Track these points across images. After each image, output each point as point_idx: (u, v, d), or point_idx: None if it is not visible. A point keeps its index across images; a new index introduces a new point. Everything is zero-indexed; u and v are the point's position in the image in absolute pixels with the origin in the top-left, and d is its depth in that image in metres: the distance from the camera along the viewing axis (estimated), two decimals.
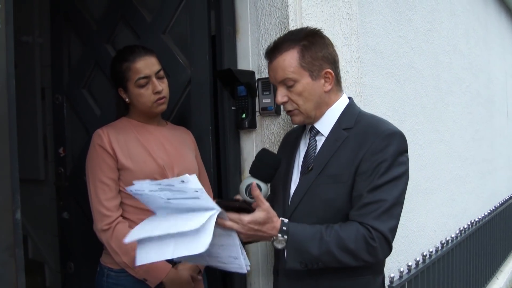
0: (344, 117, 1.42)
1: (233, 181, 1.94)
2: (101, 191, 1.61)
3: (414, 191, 2.77)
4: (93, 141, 1.67)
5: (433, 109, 3.19)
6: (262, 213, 1.26)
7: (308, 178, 1.39)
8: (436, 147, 3.21)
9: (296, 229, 1.28)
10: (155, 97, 1.66)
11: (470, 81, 3.96)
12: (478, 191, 4.12)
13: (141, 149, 1.66)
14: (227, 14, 1.94)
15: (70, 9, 2.28)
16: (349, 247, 1.26)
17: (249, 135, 1.95)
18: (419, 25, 3.02)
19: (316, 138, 1.45)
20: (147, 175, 1.62)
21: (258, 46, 1.90)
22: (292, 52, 1.36)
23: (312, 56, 1.37)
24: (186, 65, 1.96)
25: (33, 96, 3.38)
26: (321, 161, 1.38)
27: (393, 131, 1.35)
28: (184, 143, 1.79)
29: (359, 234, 1.26)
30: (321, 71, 1.38)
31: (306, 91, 1.37)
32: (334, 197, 1.34)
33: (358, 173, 1.32)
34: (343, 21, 2.07)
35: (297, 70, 1.36)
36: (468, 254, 3.47)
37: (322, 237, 1.26)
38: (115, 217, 1.60)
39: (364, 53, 2.36)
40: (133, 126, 1.71)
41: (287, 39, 1.39)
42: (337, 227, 1.28)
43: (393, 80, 2.69)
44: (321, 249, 1.26)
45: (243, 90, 1.89)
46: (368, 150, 1.31)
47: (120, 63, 1.65)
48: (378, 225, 1.26)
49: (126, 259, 1.58)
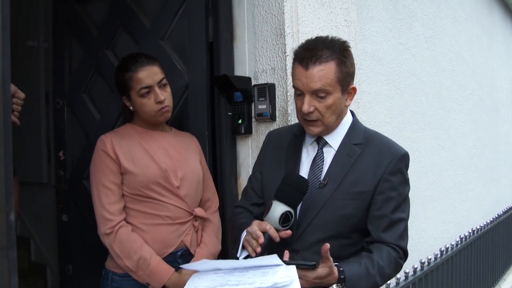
0: (353, 132, 1.44)
1: (229, 186, 1.96)
2: (104, 195, 1.63)
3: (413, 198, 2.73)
4: (97, 147, 1.69)
5: (434, 116, 3.19)
6: (326, 269, 1.24)
7: (324, 192, 1.38)
8: (437, 154, 3.20)
9: (351, 273, 1.29)
10: (158, 106, 1.67)
11: (473, 88, 3.94)
12: (481, 198, 4.10)
13: (143, 154, 1.68)
14: (224, 20, 1.97)
15: (72, 15, 2.32)
16: (386, 272, 1.35)
17: (245, 141, 1.97)
18: (420, 32, 3.02)
19: (323, 149, 1.44)
20: (149, 178, 1.64)
21: (255, 53, 1.92)
22: (332, 64, 1.32)
23: (346, 72, 1.36)
24: (183, 71, 1.98)
25: (37, 100, 3.41)
26: (336, 175, 1.38)
27: (405, 152, 1.43)
28: (187, 147, 1.80)
29: (392, 257, 1.35)
30: (349, 86, 1.39)
31: (335, 105, 1.36)
32: (352, 213, 1.37)
33: (377, 192, 1.37)
34: (340, 28, 2.09)
35: (333, 83, 1.33)
36: (469, 263, 3.44)
37: (369, 272, 1.31)
38: (118, 221, 1.62)
39: (363, 60, 2.37)
40: (137, 132, 1.73)
41: (325, 48, 1.34)
42: (377, 258, 1.33)
43: (393, 87, 2.69)
44: (369, 282, 1.31)
45: (239, 96, 1.91)
46: (386, 171, 1.37)
47: (123, 73, 1.67)
48: (402, 243, 1.38)
49: (129, 262, 1.59)
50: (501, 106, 4.83)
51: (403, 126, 2.77)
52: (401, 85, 2.77)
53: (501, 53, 4.92)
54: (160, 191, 1.65)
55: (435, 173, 3.15)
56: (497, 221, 4.15)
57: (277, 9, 1.85)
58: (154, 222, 1.66)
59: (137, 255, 1.59)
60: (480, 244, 3.68)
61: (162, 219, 1.66)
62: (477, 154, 4.01)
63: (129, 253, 1.59)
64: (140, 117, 1.73)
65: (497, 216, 4.24)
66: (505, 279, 4.44)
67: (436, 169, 3.17)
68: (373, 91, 2.48)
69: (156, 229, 1.65)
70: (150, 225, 1.65)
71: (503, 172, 4.81)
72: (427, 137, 3.06)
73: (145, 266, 1.59)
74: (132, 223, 1.65)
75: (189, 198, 1.72)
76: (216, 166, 1.97)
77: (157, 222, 1.66)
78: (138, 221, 1.65)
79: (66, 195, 2.33)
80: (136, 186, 1.64)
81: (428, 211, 3.04)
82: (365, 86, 2.38)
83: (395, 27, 2.73)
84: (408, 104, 2.84)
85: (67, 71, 2.34)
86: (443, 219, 3.27)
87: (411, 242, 2.75)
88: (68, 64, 2.34)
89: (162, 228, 1.65)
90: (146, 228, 1.65)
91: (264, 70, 1.89)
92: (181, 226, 1.69)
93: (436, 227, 3.15)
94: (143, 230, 1.65)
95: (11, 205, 1.05)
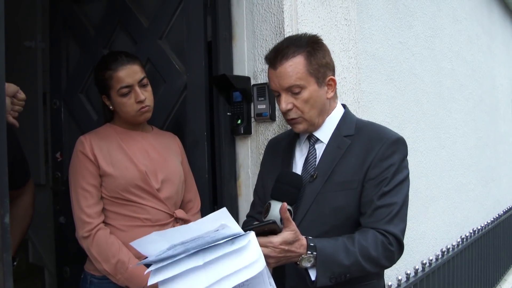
0: (343, 125, 1.42)
1: (228, 187, 1.94)
2: (82, 197, 1.60)
3: (414, 198, 2.74)
4: (75, 148, 1.66)
5: (435, 116, 3.17)
6: (291, 233, 1.21)
7: (313, 186, 1.37)
8: (437, 154, 3.18)
9: (323, 244, 1.25)
10: (138, 106, 1.64)
11: (473, 87, 3.93)
12: (482, 198, 4.08)
13: (123, 156, 1.65)
14: (223, 19, 1.94)
15: (69, 15, 2.30)
16: (372, 255, 1.26)
17: (244, 141, 1.94)
18: (420, 31, 3.00)
19: (315, 146, 1.43)
20: (128, 181, 1.61)
21: (254, 52, 1.90)
22: (299, 58, 1.33)
23: (318, 63, 1.35)
24: (182, 71, 1.96)
25: (35, 101, 3.39)
26: (325, 168, 1.37)
27: (397, 137, 1.37)
28: (169, 148, 1.77)
29: (378, 240, 1.27)
30: (325, 78, 1.38)
31: (312, 98, 1.35)
32: (344, 204, 1.34)
33: (366, 179, 1.33)
34: (340, 26, 2.06)
35: (305, 76, 1.33)
36: (470, 263, 3.42)
37: (348, 248, 1.26)
38: (96, 223, 1.59)
39: (363, 59, 2.35)
40: (116, 133, 1.70)
41: (291, 44, 1.35)
42: (358, 237, 1.28)
43: (393, 87, 2.67)
44: (350, 260, 1.25)
45: (238, 95, 1.88)
46: (376, 156, 1.33)
47: (103, 71, 1.64)
48: (392, 228, 1.29)
49: (107, 266, 1.57)
50: (501, 105, 4.82)
51: (404, 126, 2.75)
52: (401, 85, 2.75)
53: (501, 53, 4.90)
54: (140, 194, 1.63)
55: (435, 173, 3.13)
56: (497, 221, 4.14)
57: (277, 8, 1.82)
58: (134, 224, 1.63)
59: (115, 259, 1.56)
60: (481, 245, 3.66)
61: (142, 222, 1.63)
62: (478, 154, 4.00)
63: (107, 257, 1.56)
64: (120, 117, 1.70)
65: (497, 216, 4.22)
66: (506, 279, 4.43)
67: (436, 169, 3.15)
68: (374, 91, 2.46)
69: (135, 231, 1.61)
70: (130, 227, 1.63)
71: (503, 172, 4.79)
72: (428, 136, 3.04)
73: (124, 270, 1.56)
74: (112, 225, 1.63)
75: (170, 200, 1.69)
76: (215, 167, 1.95)
77: (136, 224, 1.63)
78: (117, 223, 1.63)
79: (63, 197, 2.30)
80: (115, 189, 1.61)
81: (429, 211, 3.02)
82: (365, 85, 2.36)
83: (395, 26, 2.71)
84: (408, 104, 2.82)
85: (64, 71, 2.32)
86: (443, 219, 3.25)
87: (412, 243, 2.76)
88: (65, 64, 2.31)
89: (141, 230, 1.60)
90: (125, 229, 1.62)
91: (264, 70, 1.86)
92: (161, 228, 1.64)
93: (437, 227, 3.13)
94: (123, 231, 1.62)
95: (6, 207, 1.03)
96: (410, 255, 2.73)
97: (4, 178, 1.04)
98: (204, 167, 1.89)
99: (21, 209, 1.62)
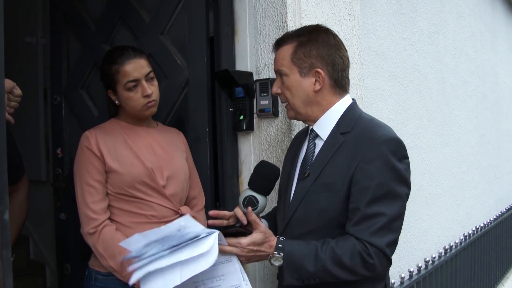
0: (343, 121, 1.37)
1: (230, 184, 1.92)
2: (87, 193, 1.58)
3: (417, 195, 2.73)
4: (81, 143, 1.64)
5: (438, 113, 3.15)
6: (260, 234, 1.30)
7: (304, 184, 1.36)
8: (440, 151, 3.16)
9: (292, 247, 1.29)
10: (144, 100, 1.63)
11: (476, 84, 3.90)
12: (484, 196, 4.06)
13: (129, 152, 1.63)
14: (225, 14, 1.92)
15: (69, 10, 2.28)
16: (345, 264, 1.24)
17: (247, 137, 1.92)
18: (424, 27, 2.98)
19: (315, 141, 1.41)
20: (134, 178, 1.59)
21: (257, 47, 1.88)
22: (289, 47, 1.38)
23: (305, 54, 1.35)
24: (184, 66, 1.94)
25: (36, 97, 3.38)
26: (317, 167, 1.35)
27: (389, 136, 1.29)
28: (174, 144, 1.76)
29: (355, 250, 1.23)
30: (311, 69, 1.36)
31: (294, 87, 1.38)
32: (326, 206, 1.31)
33: (353, 183, 1.27)
34: (344, 22, 2.04)
35: (288, 64, 1.37)
36: (473, 261, 3.41)
37: (317, 255, 1.25)
38: (102, 220, 1.58)
39: (366, 55, 2.33)
40: (122, 128, 1.68)
41: (292, 33, 1.41)
42: (333, 244, 1.26)
43: (396, 83, 2.65)
44: (316, 266, 1.25)
45: (241, 91, 1.86)
46: (362, 158, 1.26)
47: (109, 65, 1.62)
48: (375, 240, 1.23)
49: (112, 262, 1.55)
50: (504, 103, 4.79)
51: (407, 123, 2.73)
52: (404, 81, 2.72)
53: (504, 50, 4.87)
54: (146, 191, 1.61)
55: (438, 170, 3.11)
56: (500, 219, 4.12)
57: (280, 2, 1.80)
58: (139, 221, 1.61)
59: (121, 255, 1.53)
60: (483, 242, 3.65)
61: (147, 218, 1.62)
62: (480, 151, 3.98)
63: (113, 253, 1.54)
64: (125, 112, 1.69)
65: (500, 213, 4.21)
66: (508, 277, 4.42)
67: (439, 166, 3.13)
68: (377, 87, 2.43)
69: (141, 227, 1.58)
70: (135, 224, 1.61)
71: (506, 169, 4.77)
72: (431, 133, 3.02)
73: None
74: (117, 222, 1.61)
75: (175, 197, 1.67)
76: (217, 163, 1.93)
77: (142, 221, 1.61)
78: (123, 220, 1.61)
79: (64, 193, 2.29)
80: (121, 185, 1.60)
81: (432, 208, 3.00)
82: (368, 81, 2.33)
83: (398, 22, 2.68)
84: (412, 100, 2.80)
85: (65, 67, 2.30)
86: (446, 216, 3.23)
87: (415, 240, 2.75)
88: (66, 60, 2.30)
89: (147, 226, 1.57)
90: (131, 226, 1.61)
91: (266, 65, 1.84)
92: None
93: (440, 225, 3.12)
94: (128, 227, 1.60)
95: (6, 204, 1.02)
96: (412, 253, 2.71)
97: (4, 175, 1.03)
98: (206, 164, 1.88)
99: (16, 205, 1.60)
